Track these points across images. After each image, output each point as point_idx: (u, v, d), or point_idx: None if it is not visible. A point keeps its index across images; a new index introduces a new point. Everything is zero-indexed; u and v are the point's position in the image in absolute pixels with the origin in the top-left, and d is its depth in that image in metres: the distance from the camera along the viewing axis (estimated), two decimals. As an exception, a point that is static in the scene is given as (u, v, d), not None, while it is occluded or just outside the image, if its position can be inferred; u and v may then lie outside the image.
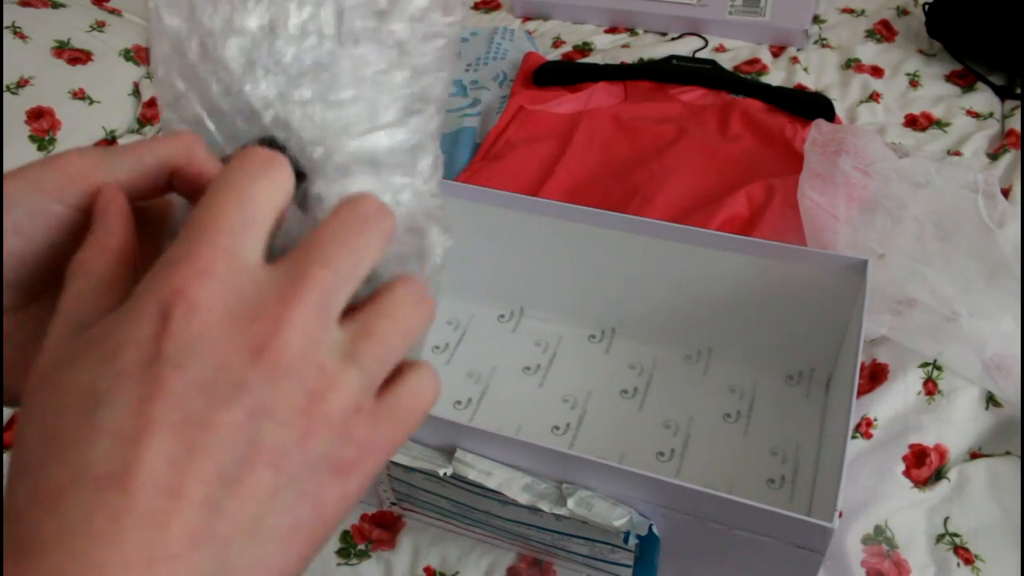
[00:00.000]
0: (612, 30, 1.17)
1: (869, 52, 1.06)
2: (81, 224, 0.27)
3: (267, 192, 0.24)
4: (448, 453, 0.56)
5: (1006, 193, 0.84)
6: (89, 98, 1.03)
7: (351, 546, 0.65)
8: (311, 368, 0.23)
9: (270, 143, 0.28)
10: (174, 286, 0.22)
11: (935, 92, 1.00)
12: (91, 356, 0.22)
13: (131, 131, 1.04)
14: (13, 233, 0.26)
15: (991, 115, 0.96)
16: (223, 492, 0.21)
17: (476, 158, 0.95)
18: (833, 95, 0.99)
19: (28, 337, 0.28)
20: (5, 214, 0.26)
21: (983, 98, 0.98)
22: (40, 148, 0.97)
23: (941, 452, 0.65)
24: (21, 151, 0.96)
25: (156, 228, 0.30)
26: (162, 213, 0.30)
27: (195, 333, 0.22)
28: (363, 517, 0.66)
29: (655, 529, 0.53)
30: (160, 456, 0.21)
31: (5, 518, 0.22)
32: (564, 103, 1.00)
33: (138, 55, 1.11)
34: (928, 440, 0.65)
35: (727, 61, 1.06)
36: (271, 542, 0.22)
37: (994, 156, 0.90)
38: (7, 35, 1.01)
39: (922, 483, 0.64)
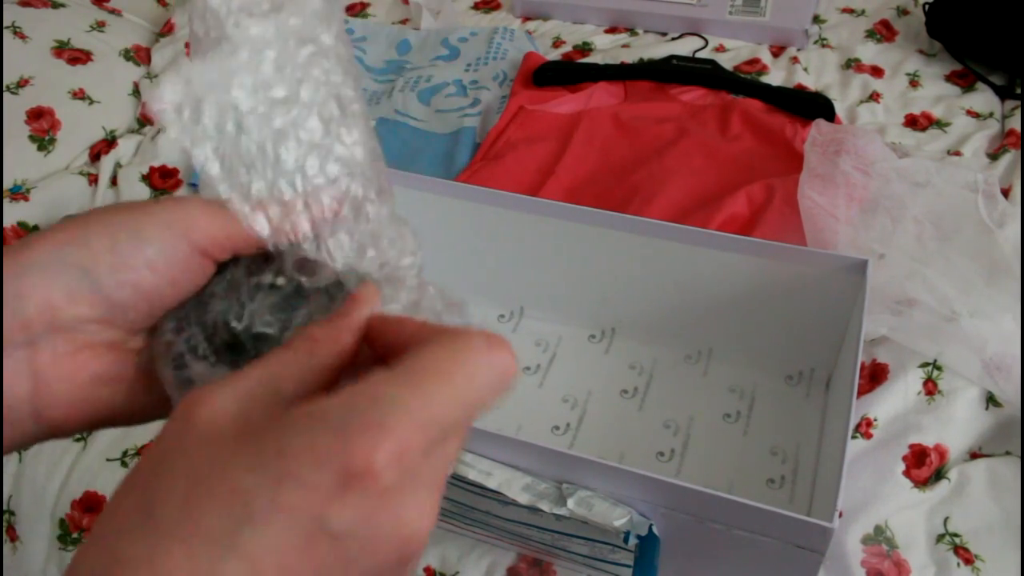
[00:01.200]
0: (612, 30, 1.17)
1: (869, 52, 1.06)
2: (199, 268, 0.29)
3: (494, 400, 0.25)
4: (448, 453, 0.55)
5: (1006, 193, 0.84)
6: (89, 98, 1.03)
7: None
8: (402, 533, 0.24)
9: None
10: (377, 453, 0.22)
11: (935, 92, 1.00)
12: (261, 456, 0.23)
13: (131, 131, 1.04)
14: (146, 269, 0.28)
15: (991, 115, 0.96)
16: None
17: (476, 158, 0.95)
18: (833, 95, 0.99)
19: (100, 377, 0.29)
20: (140, 249, 0.28)
21: (983, 98, 0.98)
22: (40, 148, 0.97)
23: (941, 452, 0.65)
24: (21, 151, 0.96)
25: None
26: None
27: (364, 512, 0.23)
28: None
29: (655, 529, 0.52)
30: None
31: (110, 550, 0.22)
32: (564, 103, 1.00)
33: (138, 55, 1.11)
34: (928, 440, 0.65)
35: (727, 61, 1.06)
36: None
37: (994, 156, 0.90)
38: (7, 35, 1.01)
39: (922, 483, 0.64)
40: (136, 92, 1.08)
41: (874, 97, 0.99)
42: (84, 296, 0.28)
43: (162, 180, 0.98)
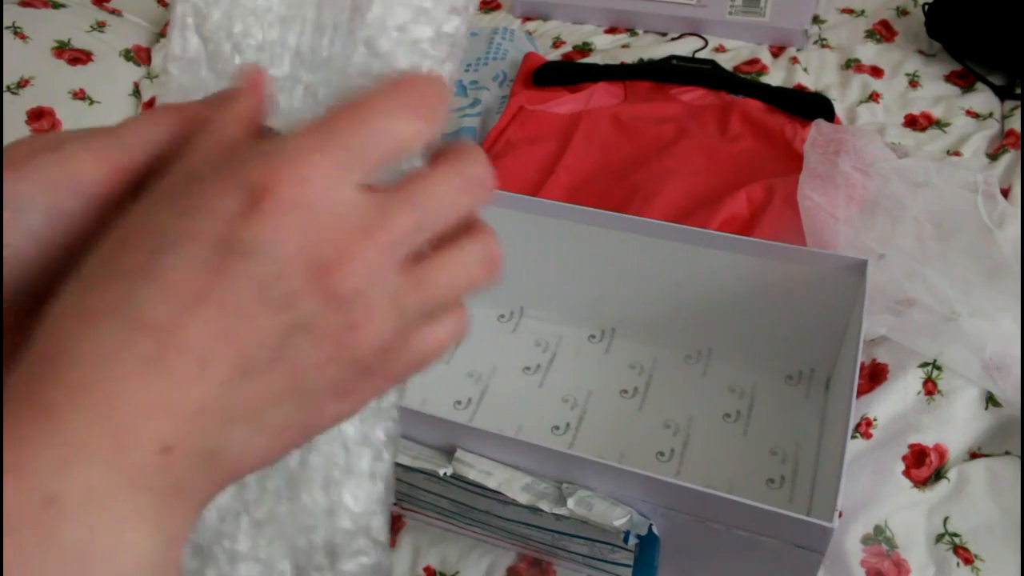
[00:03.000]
0: (612, 30, 1.17)
1: (869, 52, 1.06)
2: (94, 215, 0.27)
3: (408, 134, 0.25)
4: (448, 453, 0.56)
5: (1006, 193, 0.84)
6: (89, 98, 1.03)
7: (351, 546, 0.65)
8: (360, 304, 0.24)
9: None
10: (274, 177, 0.23)
11: (935, 92, 1.00)
12: (171, 203, 0.23)
13: (131, 131, 1.04)
14: (28, 239, 0.26)
15: (991, 115, 0.96)
16: (241, 381, 0.23)
17: (476, 158, 0.95)
18: (833, 95, 0.99)
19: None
20: (17, 217, 0.26)
21: (983, 98, 0.98)
22: (40, 148, 0.97)
23: (941, 452, 0.65)
24: (21, 151, 0.96)
25: None
26: None
27: (273, 233, 0.22)
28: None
29: (655, 529, 0.53)
30: (201, 328, 0.22)
31: (44, 316, 0.22)
32: (564, 103, 1.00)
33: (138, 55, 1.11)
34: (928, 440, 0.65)
35: (727, 61, 1.06)
36: (264, 433, 0.24)
37: (994, 156, 0.90)
38: (7, 35, 1.01)
39: (922, 483, 0.64)
40: (136, 92, 1.08)
41: (874, 97, 0.99)
42: None
43: (162, 180, 0.98)
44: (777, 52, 1.09)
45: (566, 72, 1.03)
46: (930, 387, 0.68)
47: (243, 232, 0.22)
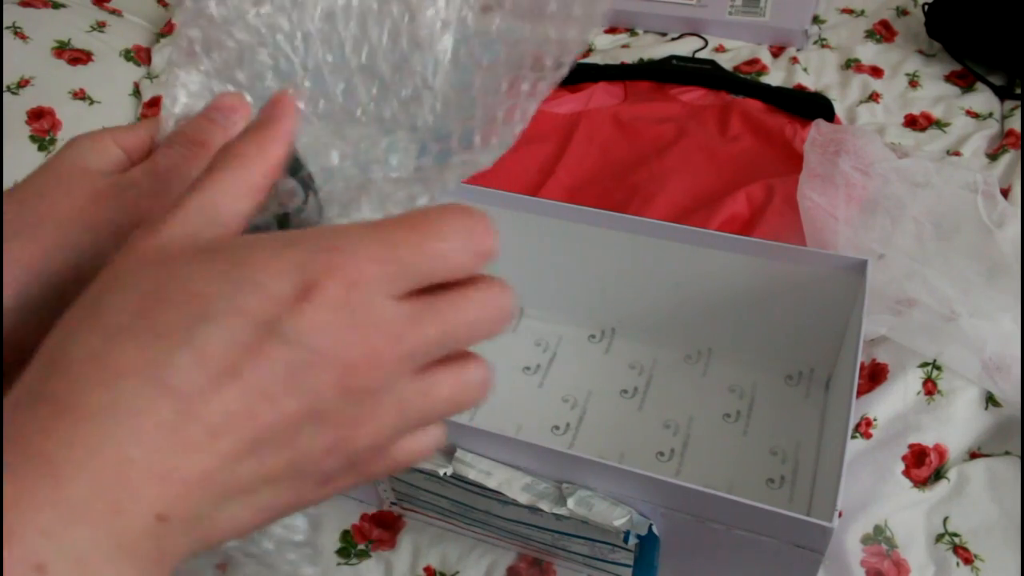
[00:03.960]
0: (612, 30, 1.17)
1: (869, 52, 1.06)
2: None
3: (459, 265, 0.25)
4: (448, 453, 0.56)
5: (1006, 193, 0.84)
6: (89, 98, 1.03)
7: (351, 546, 0.65)
8: (371, 403, 0.25)
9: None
10: (327, 274, 0.23)
11: (935, 92, 1.00)
12: (220, 267, 0.23)
13: (131, 131, 1.04)
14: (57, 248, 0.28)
15: (991, 115, 0.96)
16: (247, 459, 0.23)
17: (476, 158, 0.95)
18: (833, 95, 0.99)
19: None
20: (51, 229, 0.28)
21: (983, 98, 0.98)
22: (40, 148, 0.97)
23: (941, 452, 0.65)
24: (21, 151, 0.96)
25: None
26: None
27: (313, 326, 0.23)
28: (363, 517, 0.67)
29: (655, 529, 0.53)
30: (225, 403, 0.22)
31: (51, 352, 0.23)
32: (564, 103, 1.00)
33: (138, 55, 1.11)
34: (928, 440, 0.65)
35: (727, 61, 1.06)
36: (252, 508, 0.24)
37: (994, 156, 0.90)
38: (7, 35, 1.01)
39: (922, 483, 0.64)
40: (136, 92, 1.08)
41: (874, 97, 0.99)
42: None
43: (162, 180, 0.98)
44: (777, 52, 1.09)
45: (566, 72, 1.03)
46: (930, 387, 0.68)
47: (288, 319, 0.23)
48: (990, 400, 0.68)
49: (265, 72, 0.32)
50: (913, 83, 1.01)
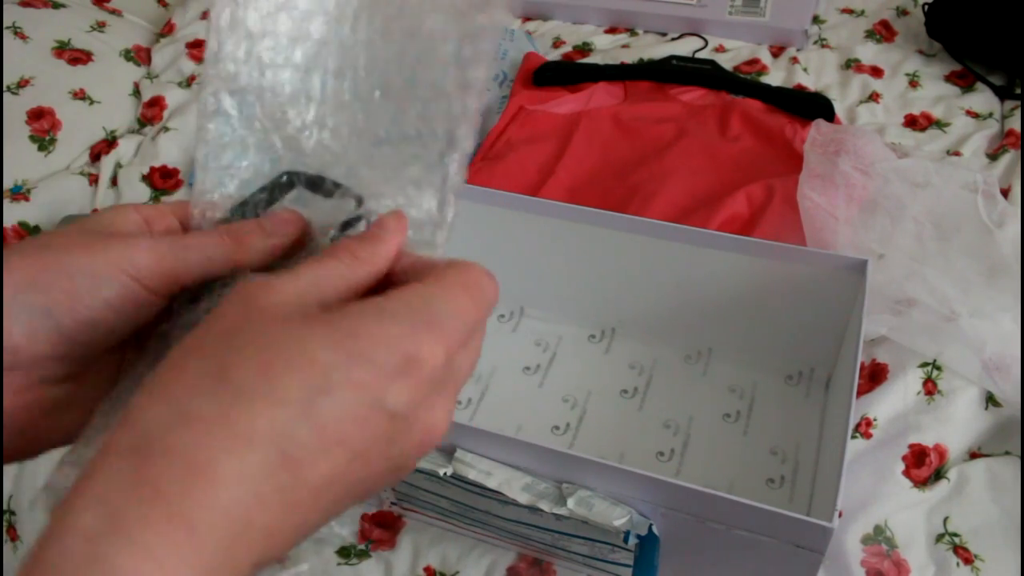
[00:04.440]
0: (612, 30, 1.17)
1: (869, 52, 1.06)
2: (147, 304, 0.31)
3: (478, 324, 0.29)
4: (448, 453, 0.56)
5: (1006, 193, 0.84)
6: (89, 98, 1.03)
7: (351, 546, 0.65)
8: (434, 441, 0.29)
9: (291, 178, 0.32)
10: (428, 344, 0.26)
11: (935, 92, 1.00)
12: (335, 336, 0.26)
13: (131, 131, 1.04)
14: (104, 308, 0.30)
15: (991, 115, 0.96)
16: (335, 508, 0.27)
17: (476, 158, 0.95)
18: (833, 95, 0.99)
19: (56, 406, 0.31)
20: (97, 290, 0.29)
21: (983, 98, 0.98)
22: (40, 148, 0.97)
23: (941, 452, 0.65)
24: (21, 151, 0.96)
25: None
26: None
27: (416, 401, 0.26)
28: (363, 517, 0.67)
29: (655, 529, 0.53)
30: (332, 469, 0.25)
31: (175, 398, 0.24)
32: (564, 103, 1.00)
33: (138, 55, 1.11)
34: (928, 440, 0.65)
35: (727, 61, 1.06)
36: (320, 514, 0.27)
37: (994, 156, 0.90)
38: (7, 35, 1.01)
39: (922, 483, 0.64)
40: (136, 92, 1.08)
41: (874, 97, 0.99)
42: (44, 335, 0.29)
43: (162, 180, 0.98)
44: (777, 52, 1.09)
45: (566, 72, 1.03)
46: (930, 387, 0.68)
47: (392, 394, 0.26)
48: (990, 400, 0.68)
49: (286, 108, 0.33)
50: (913, 83, 1.01)
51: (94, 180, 0.98)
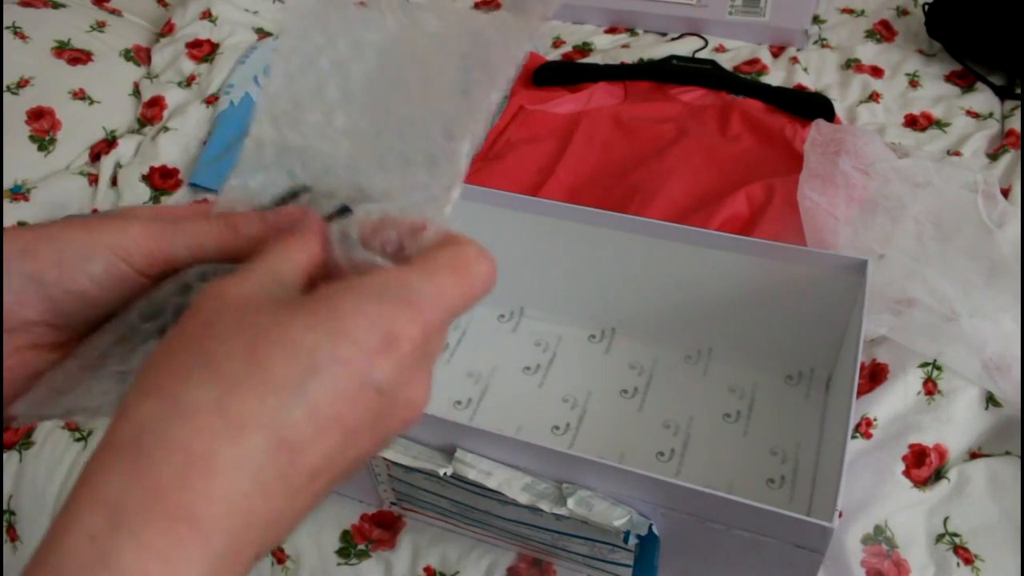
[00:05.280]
0: (612, 30, 1.17)
1: (869, 52, 1.06)
2: (135, 284, 0.31)
3: (473, 302, 0.29)
4: (448, 453, 0.56)
5: (1006, 193, 0.84)
6: (89, 98, 1.03)
7: (351, 546, 0.65)
8: (417, 412, 0.29)
9: (301, 190, 0.33)
10: (408, 321, 0.27)
11: (935, 92, 1.00)
12: (316, 317, 0.26)
13: (131, 131, 1.04)
14: (89, 281, 0.30)
15: (991, 115, 0.96)
16: (327, 488, 0.27)
17: (476, 158, 0.95)
18: (833, 95, 0.99)
19: (41, 374, 0.31)
20: (85, 264, 0.30)
21: (983, 98, 0.98)
22: (40, 148, 0.97)
23: (941, 452, 0.65)
24: (21, 151, 0.96)
25: None
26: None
27: (400, 377, 0.27)
28: (363, 517, 0.67)
29: (655, 529, 0.53)
30: (326, 450, 0.25)
31: (167, 393, 0.24)
32: (564, 103, 1.00)
33: (138, 55, 1.11)
34: (928, 440, 0.65)
35: (727, 61, 1.06)
36: (313, 498, 0.27)
37: (994, 156, 0.90)
38: (7, 35, 1.01)
39: (922, 483, 0.64)
40: (136, 92, 1.08)
41: (874, 97, 0.99)
42: (33, 301, 0.30)
43: (162, 180, 0.98)
44: (777, 52, 1.09)
45: (566, 72, 1.03)
46: (930, 387, 0.68)
47: (377, 369, 0.26)
48: (990, 400, 0.68)
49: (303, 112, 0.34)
50: (913, 83, 1.01)
51: (94, 180, 0.98)
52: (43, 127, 0.98)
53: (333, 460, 0.26)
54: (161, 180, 0.98)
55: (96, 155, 1.01)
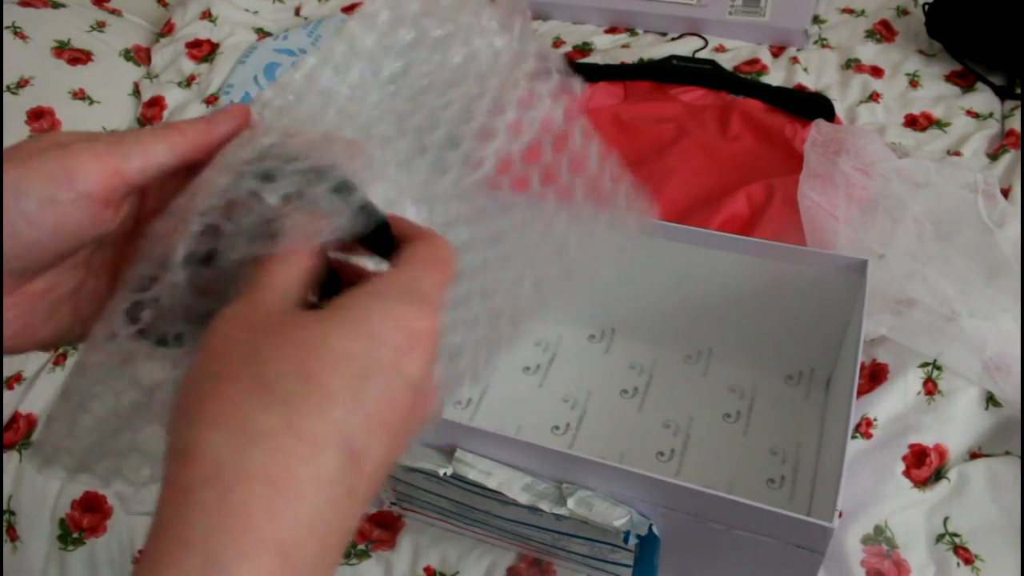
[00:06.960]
0: (612, 30, 1.17)
1: (869, 52, 1.06)
2: (86, 211, 0.30)
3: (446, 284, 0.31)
4: (448, 453, 0.56)
5: (1006, 193, 0.84)
6: (89, 98, 1.03)
7: (351, 546, 0.65)
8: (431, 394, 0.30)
9: (342, 186, 0.32)
10: (430, 320, 0.28)
11: (935, 92, 1.00)
12: (350, 326, 0.27)
13: (131, 131, 1.04)
14: (23, 222, 0.29)
15: (991, 115, 0.96)
16: (375, 479, 0.27)
17: (476, 158, 0.95)
18: (833, 95, 0.99)
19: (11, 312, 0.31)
20: (17, 203, 0.29)
21: (983, 98, 0.98)
22: (40, 148, 0.97)
23: (941, 452, 0.65)
24: (21, 151, 0.96)
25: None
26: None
27: (421, 368, 0.28)
28: (363, 517, 0.66)
29: (655, 529, 0.53)
30: (379, 454, 0.26)
31: (226, 420, 0.24)
32: (564, 103, 1.00)
33: (138, 55, 1.11)
34: (928, 440, 0.65)
35: (727, 61, 1.06)
36: (366, 504, 0.27)
37: (994, 156, 0.90)
38: (7, 35, 1.01)
39: (922, 483, 0.64)
40: (136, 92, 1.08)
41: (874, 97, 0.99)
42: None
43: (162, 180, 0.98)
44: (777, 52, 1.09)
45: (566, 72, 1.03)
46: (930, 387, 0.68)
47: (408, 367, 0.27)
48: (990, 400, 0.68)
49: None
50: (913, 83, 1.01)
51: (94, 180, 0.98)
52: (43, 127, 0.98)
53: (383, 462, 0.27)
54: (161, 180, 0.98)
55: (96, 155, 1.01)
